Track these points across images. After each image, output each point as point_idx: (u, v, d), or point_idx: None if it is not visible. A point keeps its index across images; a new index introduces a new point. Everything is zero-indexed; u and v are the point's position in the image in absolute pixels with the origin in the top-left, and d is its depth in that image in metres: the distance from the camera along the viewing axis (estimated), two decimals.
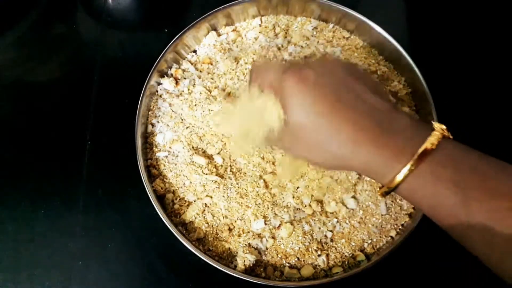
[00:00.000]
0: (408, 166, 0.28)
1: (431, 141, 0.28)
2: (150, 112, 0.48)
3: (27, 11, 0.58)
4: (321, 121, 0.30)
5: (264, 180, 0.44)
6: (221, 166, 0.45)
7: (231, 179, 0.44)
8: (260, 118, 0.34)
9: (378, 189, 0.43)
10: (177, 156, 0.46)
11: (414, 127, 0.30)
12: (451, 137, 0.30)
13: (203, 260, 0.40)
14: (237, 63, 0.49)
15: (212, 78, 0.49)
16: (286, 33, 0.53)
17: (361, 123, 0.30)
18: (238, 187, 0.44)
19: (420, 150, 0.28)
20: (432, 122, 0.30)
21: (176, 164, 0.45)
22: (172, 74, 0.50)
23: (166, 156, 0.46)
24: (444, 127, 0.30)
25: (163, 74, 0.50)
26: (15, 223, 0.48)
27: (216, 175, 0.44)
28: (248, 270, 0.41)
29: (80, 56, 0.57)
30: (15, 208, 0.49)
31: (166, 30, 0.57)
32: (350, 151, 0.30)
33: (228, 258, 0.42)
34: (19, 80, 0.55)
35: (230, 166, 0.45)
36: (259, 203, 0.43)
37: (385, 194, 0.31)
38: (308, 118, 0.31)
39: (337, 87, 0.31)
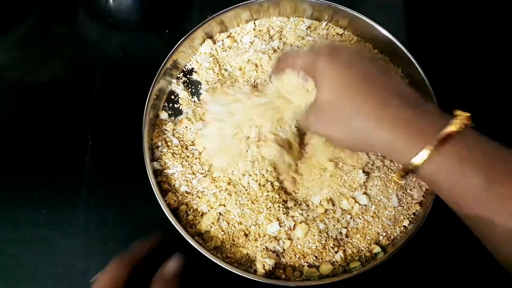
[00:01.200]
0: (431, 146, 0.28)
1: (456, 123, 0.29)
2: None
3: (29, 12, 0.58)
4: (347, 96, 0.32)
5: (271, 184, 0.45)
6: (232, 173, 0.46)
7: (240, 186, 0.45)
8: (285, 102, 0.38)
9: (393, 175, 0.44)
10: None
11: (438, 112, 0.31)
12: (474, 125, 0.30)
13: (216, 263, 0.41)
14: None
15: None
16: (280, 34, 0.53)
17: (386, 101, 0.31)
18: (248, 193, 0.45)
19: (445, 131, 0.28)
20: (456, 110, 0.31)
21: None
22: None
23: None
24: (468, 114, 0.30)
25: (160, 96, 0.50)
26: (16, 223, 0.48)
27: (228, 183, 0.45)
28: (268, 273, 0.42)
29: (81, 56, 0.57)
30: (16, 208, 0.49)
31: (167, 31, 0.57)
32: (373, 126, 0.31)
33: (247, 263, 0.43)
34: (20, 81, 0.55)
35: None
36: (269, 207, 0.44)
37: (404, 175, 0.31)
38: (336, 94, 0.33)
39: (366, 68, 0.33)
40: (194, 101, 0.50)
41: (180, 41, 0.49)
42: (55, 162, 0.51)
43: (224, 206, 0.44)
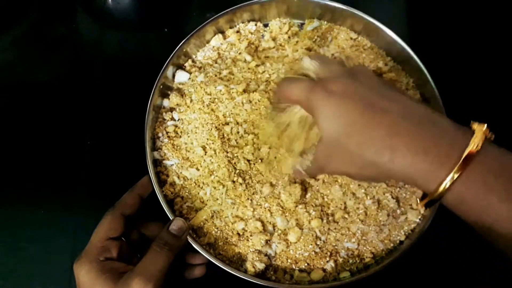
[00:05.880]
0: (452, 173, 0.26)
1: (476, 141, 0.26)
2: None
3: (27, 11, 0.58)
4: (353, 130, 0.29)
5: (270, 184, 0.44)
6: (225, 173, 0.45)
7: (234, 187, 0.44)
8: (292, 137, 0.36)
9: (418, 200, 0.40)
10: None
11: (454, 129, 0.28)
12: (492, 138, 0.28)
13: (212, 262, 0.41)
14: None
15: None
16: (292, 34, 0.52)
17: (396, 127, 0.28)
18: (241, 193, 0.44)
19: (465, 153, 0.26)
20: (472, 122, 0.28)
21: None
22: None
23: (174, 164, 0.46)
24: (484, 127, 0.27)
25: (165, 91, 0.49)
26: (15, 223, 0.49)
27: (220, 183, 0.44)
28: (259, 274, 0.42)
29: (79, 56, 0.57)
30: (15, 208, 0.49)
31: (166, 30, 0.57)
32: (387, 158, 0.28)
33: (238, 261, 0.43)
34: (19, 80, 0.56)
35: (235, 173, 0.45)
36: (262, 211, 0.44)
37: (428, 205, 0.29)
38: (339, 129, 0.29)
39: (368, 93, 0.30)
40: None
41: (191, 34, 0.48)
42: (53, 162, 0.51)
43: (218, 204, 0.44)
